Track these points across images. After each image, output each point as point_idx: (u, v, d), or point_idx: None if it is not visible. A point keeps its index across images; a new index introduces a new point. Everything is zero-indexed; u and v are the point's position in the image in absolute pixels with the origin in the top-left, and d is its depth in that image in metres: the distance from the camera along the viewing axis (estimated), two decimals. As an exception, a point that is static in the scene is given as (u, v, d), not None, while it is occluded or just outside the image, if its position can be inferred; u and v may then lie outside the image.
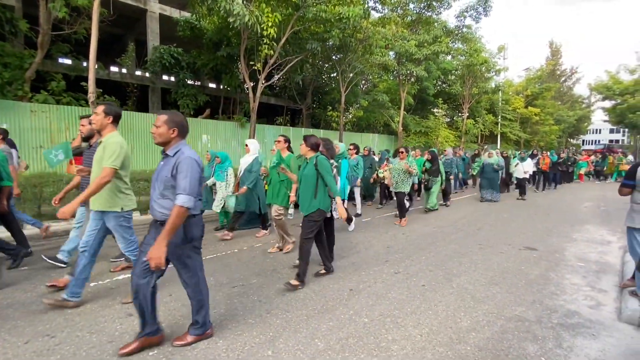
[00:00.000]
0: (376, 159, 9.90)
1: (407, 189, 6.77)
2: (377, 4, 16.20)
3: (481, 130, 23.55)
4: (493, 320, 2.98)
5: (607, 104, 31.41)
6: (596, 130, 62.14)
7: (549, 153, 13.95)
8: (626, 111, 27.49)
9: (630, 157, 19.40)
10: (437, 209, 8.34)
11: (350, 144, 7.64)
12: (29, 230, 5.26)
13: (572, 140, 44.08)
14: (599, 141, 58.12)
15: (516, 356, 2.46)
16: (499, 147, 23.90)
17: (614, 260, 4.76)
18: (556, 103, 34.29)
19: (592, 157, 19.51)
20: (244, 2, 8.98)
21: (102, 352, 2.42)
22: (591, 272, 4.24)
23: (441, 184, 8.49)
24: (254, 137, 11.76)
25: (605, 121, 36.09)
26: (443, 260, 4.60)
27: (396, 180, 6.80)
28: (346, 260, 4.56)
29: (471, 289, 3.64)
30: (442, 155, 10.83)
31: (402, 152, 7.10)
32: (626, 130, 37.04)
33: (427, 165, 8.25)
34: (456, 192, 12.04)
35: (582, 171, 16.81)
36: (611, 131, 59.60)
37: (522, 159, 11.02)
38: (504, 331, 2.80)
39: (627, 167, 18.05)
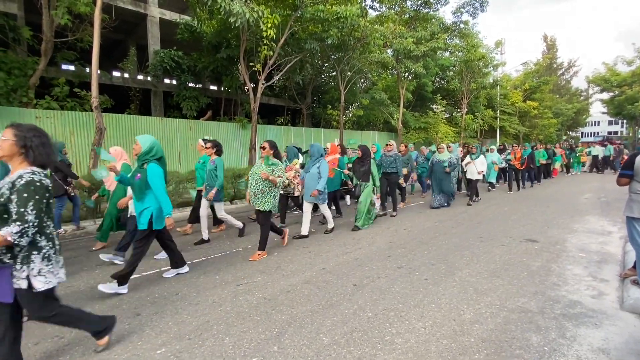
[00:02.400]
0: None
1: (267, 207, 4.41)
2: (374, 2, 16.26)
3: (480, 125, 23.55)
4: (496, 311, 3.01)
5: (605, 95, 31.39)
6: (595, 122, 62.09)
7: (523, 147, 12.29)
8: (624, 102, 27.47)
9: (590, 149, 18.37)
10: (370, 224, 6.32)
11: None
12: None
13: (570, 133, 43.99)
14: (597, 133, 58.02)
15: (519, 347, 2.49)
16: (498, 141, 23.91)
17: (615, 250, 4.79)
18: (554, 96, 34.27)
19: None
20: (244, 0, 9.01)
21: (111, 352, 2.46)
22: (593, 263, 4.27)
23: (374, 190, 6.47)
24: (255, 138, 11.81)
25: (603, 113, 36.01)
26: (445, 254, 4.64)
27: (254, 191, 4.43)
28: (349, 256, 4.59)
29: (473, 281, 3.68)
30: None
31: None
32: (625, 121, 36.95)
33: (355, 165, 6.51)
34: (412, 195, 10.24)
35: (557, 165, 15.58)
36: (610, 123, 59.52)
37: (474, 156, 8.98)
38: (507, 322, 2.83)
39: (586, 159, 17.40)
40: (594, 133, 60.33)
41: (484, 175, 9.35)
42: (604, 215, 7.08)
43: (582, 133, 56.18)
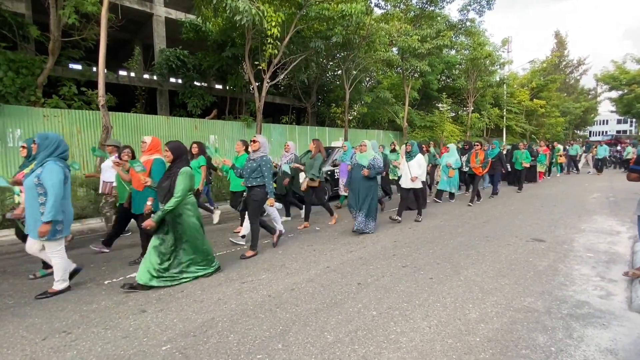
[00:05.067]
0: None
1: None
2: (379, 0, 16.17)
3: (486, 124, 23.37)
4: (502, 311, 2.99)
5: (614, 94, 31.00)
6: (603, 121, 61.34)
7: (491, 145, 10.03)
8: (633, 101, 27.11)
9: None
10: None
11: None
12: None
13: (578, 132, 43.49)
14: (606, 132, 57.30)
15: (526, 347, 2.47)
16: (504, 140, 23.70)
17: (623, 250, 4.72)
18: (562, 95, 33.89)
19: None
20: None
21: (117, 348, 2.48)
22: (600, 263, 4.22)
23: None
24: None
25: (612, 112, 35.59)
26: (450, 253, 4.61)
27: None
28: (354, 254, 4.58)
29: (479, 280, 3.65)
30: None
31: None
32: (634, 120, 36.48)
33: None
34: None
35: (541, 167, 13.41)
36: (618, 122, 58.78)
37: (410, 156, 6.64)
38: (513, 322, 2.81)
39: (564, 160, 15.98)
40: (603, 132, 59.56)
41: (424, 182, 7.21)
42: (613, 215, 6.99)
43: (590, 132, 55.53)
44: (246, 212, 4.92)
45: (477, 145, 8.71)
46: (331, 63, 16.70)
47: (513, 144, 13.46)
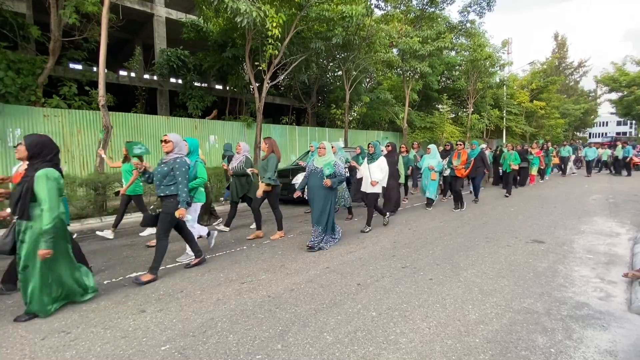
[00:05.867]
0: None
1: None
2: (380, 2, 16.20)
3: (486, 125, 23.39)
4: (501, 312, 2.99)
5: (614, 96, 31.04)
6: (603, 122, 61.41)
7: (470, 145, 9.37)
8: (633, 103, 27.17)
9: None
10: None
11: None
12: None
13: (578, 133, 43.52)
14: (606, 134, 57.37)
15: (525, 348, 2.47)
16: (504, 141, 23.71)
17: (623, 252, 4.72)
18: (562, 96, 33.94)
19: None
20: (250, 0, 9.04)
21: (116, 348, 2.47)
22: (600, 264, 4.22)
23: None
24: (259, 137, 11.84)
25: (612, 113, 35.65)
26: (450, 254, 4.61)
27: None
28: (354, 255, 4.58)
29: (479, 282, 3.65)
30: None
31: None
32: (634, 122, 36.53)
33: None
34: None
35: (534, 170, 12.83)
36: (618, 123, 58.85)
37: (372, 158, 5.97)
38: (513, 323, 2.81)
39: (557, 160, 15.55)
40: (603, 134, 59.64)
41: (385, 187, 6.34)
42: (612, 217, 6.99)
43: (590, 134, 55.60)
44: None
45: (460, 144, 8.22)
46: (331, 64, 16.74)
47: (499, 145, 13.16)
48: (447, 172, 8.39)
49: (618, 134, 54.04)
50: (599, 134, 60.58)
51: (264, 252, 4.77)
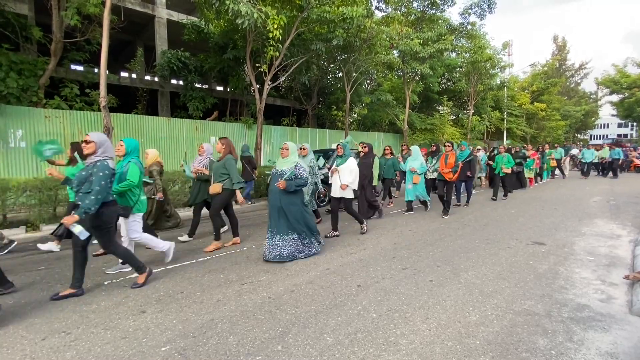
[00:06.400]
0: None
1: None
2: (380, 3, 16.24)
3: (487, 127, 23.40)
4: (502, 314, 2.98)
5: (615, 98, 31.05)
6: (604, 124, 61.41)
7: (458, 146, 8.59)
8: (634, 105, 27.18)
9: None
10: None
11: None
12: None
13: (579, 135, 43.51)
14: (607, 136, 57.36)
15: (526, 350, 2.46)
16: (504, 142, 23.73)
17: (624, 253, 4.71)
18: (563, 98, 33.96)
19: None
20: (250, 2, 9.07)
21: (116, 348, 2.47)
22: (601, 266, 4.21)
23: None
24: (260, 139, 11.86)
25: (613, 115, 35.66)
26: (450, 255, 4.60)
27: None
28: (354, 256, 4.58)
29: (479, 283, 3.64)
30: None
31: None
32: (635, 124, 36.53)
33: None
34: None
35: (529, 173, 12.31)
36: (619, 125, 58.87)
37: (341, 159, 5.64)
38: (513, 325, 2.80)
39: (555, 163, 15.17)
40: (604, 135, 59.62)
41: (355, 191, 5.75)
42: (614, 219, 6.98)
43: (590, 135, 55.61)
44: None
45: (448, 146, 7.60)
46: (332, 65, 16.76)
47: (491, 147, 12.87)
48: (433, 175, 8.04)
49: (619, 135, 54.07)
50: (600, 135, 60.56)
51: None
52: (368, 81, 20.01)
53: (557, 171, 16.45)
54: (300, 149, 4.80)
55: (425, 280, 3.73)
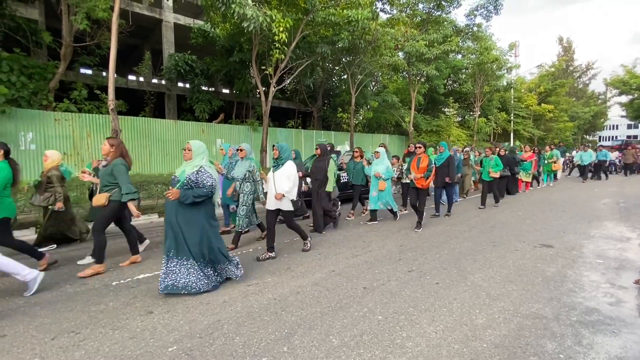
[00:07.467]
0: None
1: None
2: (385, 5, 16.23)
3: (494, 129, 23.24)
4: (509, 317, 2.96)
5: (624, 98, 30.63)
6: (613, 126, 60.63)
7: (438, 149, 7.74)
8: (644, 106, 26.76)
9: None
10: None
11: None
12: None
13: (587, 136, 42.99)
14: (616, 137, 56.59)
15: (534, 353, 2.44)
16: (511, 144, 23.53)
17: (634, 256, 4.64)
18: (570, 99, 33.62)
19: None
20: (256, 5, 9.15)
21: (124, 348, 2.50)
22: (610, 269, 4.15)
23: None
24: (266, 141, 11.91)
25: (622, 116, 35.18)
26: (457, 258, 4.58)
27: None
28: (360, 258, 4.57)
29: (486, 286, 3.62)
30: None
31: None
32: (645, 125, 36.04)
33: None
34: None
35: (526, 177, 11.57)
36: (629, 127, 58.08)
37: (277, 163, 4.70)
38: (521, 328, 2.78)
39: (559, 167, 14.13)
40: (613, 137, 58.85)
41: (295, 202, 4.92)
42: (623, 221, 6.89)
43: (599, 137, 54.93)
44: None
45: (419, 147, 6.41)
46: (337, 68, 16.81)
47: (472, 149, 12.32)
48: (406, 180, 7.29)
49: (629, 137, 53.32)
50: (609, 137, 59.79)
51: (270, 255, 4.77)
52: (373, 83, 20.00)
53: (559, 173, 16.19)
54: (238, 150, 4.37)
55: (431, 283, 3.71)
